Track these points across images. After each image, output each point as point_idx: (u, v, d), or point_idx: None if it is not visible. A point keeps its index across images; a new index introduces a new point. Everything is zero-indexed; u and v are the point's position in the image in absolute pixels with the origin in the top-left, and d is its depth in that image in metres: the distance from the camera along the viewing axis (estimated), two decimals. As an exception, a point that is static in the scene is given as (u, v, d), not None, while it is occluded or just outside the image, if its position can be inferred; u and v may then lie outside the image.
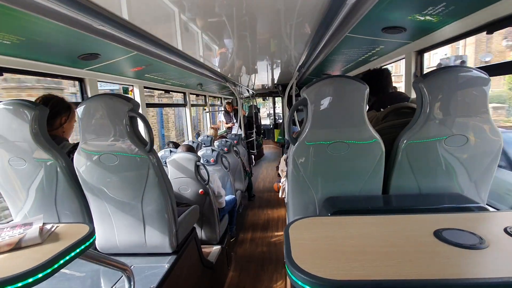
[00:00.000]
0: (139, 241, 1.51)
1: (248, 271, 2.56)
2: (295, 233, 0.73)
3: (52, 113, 1.43)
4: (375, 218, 0.80)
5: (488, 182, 1.17)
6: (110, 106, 1.30)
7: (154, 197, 1.42)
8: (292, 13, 1.45)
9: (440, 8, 1.24)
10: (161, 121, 9.16)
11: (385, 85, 1.64)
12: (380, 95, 1.61)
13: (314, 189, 1.22)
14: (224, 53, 2.44)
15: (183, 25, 1.56)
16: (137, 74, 2.73)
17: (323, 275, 0.55)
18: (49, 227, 0.89)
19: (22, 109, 1.28)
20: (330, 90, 1.12)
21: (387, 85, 1.65)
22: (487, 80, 1.04)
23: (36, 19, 1.12)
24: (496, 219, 0.78)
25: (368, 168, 1.17)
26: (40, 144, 1.32)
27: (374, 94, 1.58)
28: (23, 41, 1.36)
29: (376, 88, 1.58)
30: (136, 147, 1.33)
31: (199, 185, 2.24)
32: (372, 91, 1.29)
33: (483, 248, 0.61)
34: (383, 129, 1.27)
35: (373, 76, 1.65)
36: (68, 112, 1.55)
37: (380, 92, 1.61)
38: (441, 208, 1.01)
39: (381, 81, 1.64)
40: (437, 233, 0.68)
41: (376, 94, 1.60)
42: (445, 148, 1.11)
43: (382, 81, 1.64)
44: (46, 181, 1.39)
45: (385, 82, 1.65)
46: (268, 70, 3.91)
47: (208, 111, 6.39)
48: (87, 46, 1.61)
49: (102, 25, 1.21)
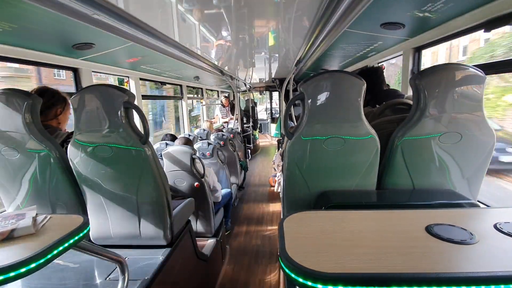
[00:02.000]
0: (133, 233, 1.51)
1: (242, 264, 2.59)
2: (289, 227, 0.74)
3: (47, 104, 1.44)
4: (369, 213, 0.81)
5: (480, 179, 1.19)
6: (105, 97, 1.28)
7: (149, 189, 1.42)
8: (291, 6, 1.44)
9: (439, 5, 1.24)
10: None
11: (379, 82, 1.69)
12: (376, 92, 1.64)
13: (309, 184, 1.23)
14: (221, 45, 2.41)
15: (180, 16, 1.53)
16: (132, 65, 2.69)
17: (317, 268, 0.56)
18: (43, 218, 0.88)
19: (14, 98, 1.26)
20: (327, 85, 1.12)
21: (382, 83, 1.70)
22: (483, 78, 1.05)
23: (29, 6, 1.09)
24: (486, 216, 0.80)
25: (363, 164, 1.18)
26: (33, 134, 1.30)
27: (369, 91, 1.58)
28: (15, 29, 1.33)
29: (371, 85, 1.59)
30: (131, 139, 1.32)
31: (195, 178, 2.23)
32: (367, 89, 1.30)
33: (473, 243, 0.62)
34: (381, 123, 1.27)
35: (369, 73, 1.68)
36: (63, 104, 1.56)
37: (375, 89, 1.64)
38: (434, 204, 1.03)
39: (376, 78, 1.67)
40: (428, 229, 0.69)
41: (372, 91, 1.62)
42: (439, 145, 1.12)
43: (377, 79, 1.68)
44: (40, 172, 1.38)
45: (379, 79, 1.69)
46: (266, 64, 3.88)
47: (205, 104, 6.34)
48: (82, 35, 1.58)
49: (97, 14, 1.18)
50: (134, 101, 1.33)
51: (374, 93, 1.64)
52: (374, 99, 1.64)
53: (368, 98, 1.67)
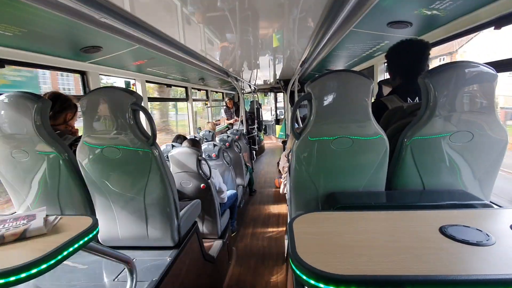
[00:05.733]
0: (141, 234, 1.52)
1: (248, 266, 2.58)
2: (299, 228, 0.73)
3: (59, 109, 1.51)
4: (379, 214, 0.80)
5: (492, 179, 1.16)
6: (113, 99, 1.29)
7: (156, 191, 1.42)
8: (296, 7, 1.43)
9: (447, 2, 1.22)
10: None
11: (421, 63, 1.24)
12: (409, 77, 1.25)
13: (316, 184, 1.22)
14: (226, 47, 2.42)
15: (185, 18, 1.54)
16: (139, 68, 2.71)
17: (328, 270, 0.55)
18: (53, 218, 0.89)
19: (24, 101, 1.28)
20: (335, 84, 1.11)
21: (422, 64, 1.24)
22: (494, 76, 1.03)
23: (38, 11, 1.11)
24: (501, 216, 0.78)
25: (372, 164, 1.16)
26: (43, 137, 1.31)
27: (401, 73, 1.29)
28: (25, 33, 1.35)
29: (406, 65, 1.27)
30: (138, 141, 1.33)
31: (201, 179, 2.24)
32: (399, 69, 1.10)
33: (490, 245, 0.60)
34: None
35: (407, 48, 1.29)
36: (74, 110, 1.62)
37: (409, 72, 1.25)
38: (445, 204, 1.01)
39: (417, 56, 1.24)
40: (442, 229, 0.67)
41: (404, 74, 1.29)
42: (449, 144, 1.10)
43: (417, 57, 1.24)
44: (49, 174, 1.39)
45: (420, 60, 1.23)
46: (271, 66, 3.88)
47: (210, 106, 6.37)
48: (90, 38, 1.60)
49: (105, 18, 1.19)
50: (142, 103, 1.34)
51: (408, 78, 1.27)
52: (405, 86, 1.29)
53: (398, 84, 1.33)
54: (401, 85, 1.36)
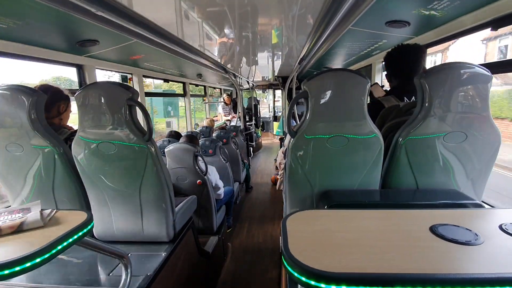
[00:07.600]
0: (136, 230, 1.52)
1: (244, 261, 2.59)
2: (292, 225, 0.74)
3: (51, 101, 1.44)
4: (372, 212, 0.81)
5: (484, 179, 1.18)
6: (109, 94, 1.29)
7: (152, 186, 1.43)
8: (295, 4, 1.43)
9: (445, 3, 1.22)
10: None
11: (416, 66, 1.32)
12: (406, 79, 1.33)
13: (312, 182, 1.23)
14: (224, 43, 2.40)
15: (183, 13, 1.53)
16: (136, 63, 2.69)
17: (320, 267, 0.55)
18: (49, 211, 0.89)
19: (19, 94, 1.26)
20: (331, 83, 1.11)
21: (418, 67, 1.32)
22: (489, 77, 1.04)
23: (33, 3, 1.09)
24: (491, 216, 0.79)
25: (367, 163, 1.17)
26: (37, 130, 1.30)
27: (398, 76, 1.36)
28: (20, 25, 1.33)
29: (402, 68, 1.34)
30: (134, 136, 1.32)
31: (197, 175, 2.24)
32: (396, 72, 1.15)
33: (478, 244, 0.62)
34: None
35: (403, 52, 1.35)
36: (67, 101, 1.57)
37: (406, 75, 1.33)
38: (437, 204, 1.02)
39: (412, 60, 1.32)
40: (433, 229, 0.68)
41: (401, 76, 1.36)
42: (444, 144, 1.11)
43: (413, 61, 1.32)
44: (44, 168, 1.39)
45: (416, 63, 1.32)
46: (269, 62, 3.87)
47: (208, 102, 6.34)
48: (86, 32, 1.58)
49: (101, 11, 1.18)
50: (138, 98, 1.33)
51: (404, 79, 1.34)
52: (402, 86, 1.35)
53: (394, 85, 1.40)
54: (397, 86, 1.41)
